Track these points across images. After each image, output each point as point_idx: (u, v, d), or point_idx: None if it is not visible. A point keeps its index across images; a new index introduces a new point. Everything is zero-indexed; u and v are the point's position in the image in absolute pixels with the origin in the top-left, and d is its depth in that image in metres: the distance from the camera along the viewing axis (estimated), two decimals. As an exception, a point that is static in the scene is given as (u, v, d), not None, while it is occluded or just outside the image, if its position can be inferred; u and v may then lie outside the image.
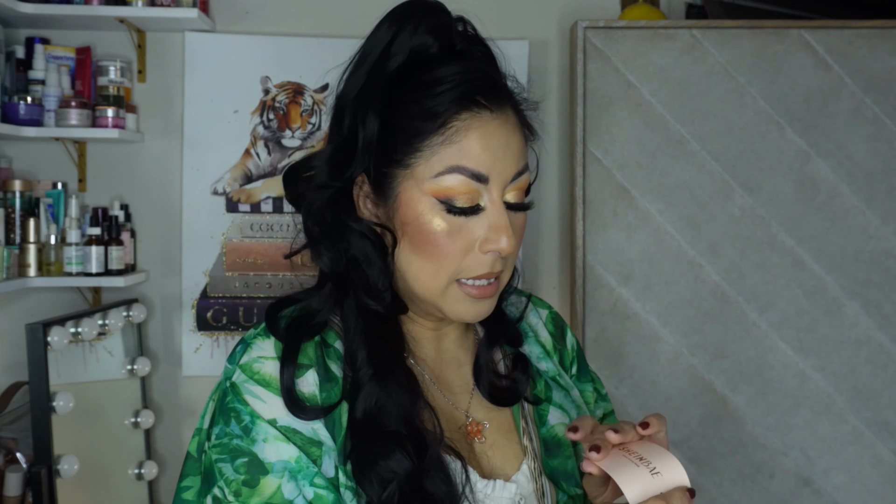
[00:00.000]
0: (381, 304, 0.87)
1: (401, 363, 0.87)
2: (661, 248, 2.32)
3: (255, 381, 0.83)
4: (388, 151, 0.85)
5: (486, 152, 0.83)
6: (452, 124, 0.83)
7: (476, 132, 0.83)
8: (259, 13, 2.55)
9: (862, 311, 2.32)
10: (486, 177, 0.83)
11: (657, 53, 2.32)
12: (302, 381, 0.83)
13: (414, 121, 0.84)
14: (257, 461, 0.80)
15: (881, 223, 2.32)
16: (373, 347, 0.85)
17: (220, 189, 2.53)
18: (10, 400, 2.22)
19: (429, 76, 0.85)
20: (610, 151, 2.33)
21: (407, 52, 0.86)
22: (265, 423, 0.81)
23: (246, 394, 0.83)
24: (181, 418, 2.51)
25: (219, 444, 0.82)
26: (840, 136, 2.32)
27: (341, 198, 0.87)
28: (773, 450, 2.32)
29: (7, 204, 2.30)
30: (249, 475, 0.80)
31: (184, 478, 0.88)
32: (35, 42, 2.39)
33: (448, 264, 0.84)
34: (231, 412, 0.83)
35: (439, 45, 0.87)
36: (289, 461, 0.80)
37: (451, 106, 0.83)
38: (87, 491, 2.14)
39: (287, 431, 0.81)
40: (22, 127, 2.25)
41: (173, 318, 2.55)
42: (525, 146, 0.89)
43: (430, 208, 0.83)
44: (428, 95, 0.84)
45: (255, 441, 0.81)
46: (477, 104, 0.84)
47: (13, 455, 2.09)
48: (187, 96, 2.51)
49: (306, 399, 0.83)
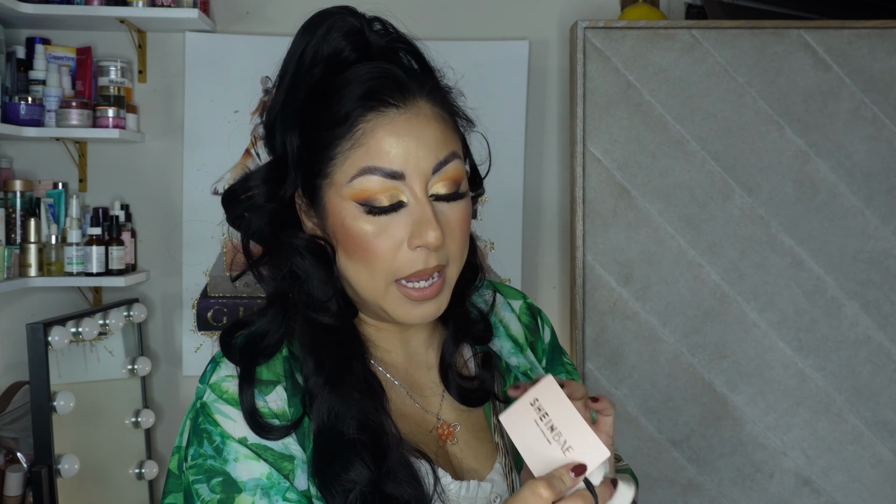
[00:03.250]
0: (326, 315, 0.87)
1: (356, 370, 0.86)
2: (660, 247, 2.33)
3: (223, 401, 0.84)
4: (310, 164, 0.85)
5: (395, 149, 0.82)
6: (359, 126, 0.83)
7: (382, 130, 0.82)
8: (259, 13, 2.55)
9: (861, 311, 2.32)
10: (401, 173, 0.82)
11: (657, 53, 2.32)
12: (270, 397, 0.84)
13: (326, 130, 0.84)
14: (230, 480, 0.81)
15: (881, 223, 2.33)
16: (320, 358, 0.85)
17: (221, 189, 2.53)
18: (11, 400, 2.22)
19: (336, 82, 0.84)
20: (610, 151, 2.33)
21: (323, 61, 0.85)
22: (235, 443, 0.82)
23: (216, 413, 0.83)
24: (181, 418, 2.50)
25: (194, 466, 0.83)
26: (839, 136, 2.32)
27: (279, 216, 0.88)
28: (773, 449, 2.33)
29: (8, 204, 2.30)
30: (224, 494, 0.81)
31: (166, 495, 0.90)
32: (36, 42, 2.40)
33: (380, 265, 0.83)
34: (203, 433, 0.84)
35: (353, 48, 0.86)
36: (260, 478, 0.81)
37: (356, 108, 0.83)
38: (87, 491, 2.15)
39: (258, 448, 0.82)
40: (22, 127, 2.26)
41: (174, 318, 2.55)
42: (449, 136, 0.86)
43: (352, 213, 0.83)
44: (334, 101, 0.84)
45: (227, 461, 0.82)
46: (382, 103, 0.83)
47: (14, 455, 2.10)
48: (188, 96, 2.51)
49: (276, 416, 0.83)
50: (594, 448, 0.76)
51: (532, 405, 0.78)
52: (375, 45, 0.87)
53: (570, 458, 0.76)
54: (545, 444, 0.77)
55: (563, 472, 0.75)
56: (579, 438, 0.76)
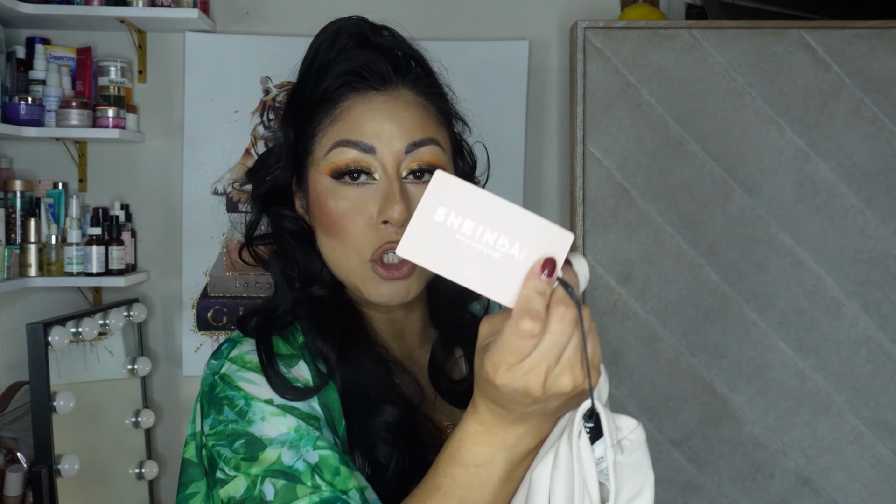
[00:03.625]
0: (322, 286, 0.90)
1: (363, 342, 0.89)
2: (660, 247, 2.33)
3: (247, 369, 0.84)
4: (297, 145, 0.90)
5: (369, 124, 0.85)
6: (339, 105, 0.86)
7: (360, 108, 0.86)
8: (259, 13, 2.55)
9: (861, 311, 2.32)
10: (372, 147, 0.85)
11: (657, 53, 2.32)
12: (295, 369, 0.85)
13: (311, 110, 0.88)
14: (254, 439, 0.80)
15: (881, 223, 2.33)
16: (325, 331, 0.88)
17: (221, 189, 2.53)
18: (11, 400, 2.22)
19: (327, 68, 0.89)
20: (610, 151, 2.33)
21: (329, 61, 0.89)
22: (261, 403, 0.82)
23: (239, 380, 0.84)
24: (181, 418, 2.51)
25: (214, 433, 0.82)
26: (839, 136, 2.32)
27: (272, 199, 0.92)
28: (773, 449, 2.33)
29: (8, 204, 2.30)
30: (248, 453, 0.80)
31: (187, 486, 0.88)
32: (36, 42, 2.40)
33: (352, 241, 0.85)
34: (224, 400, 0.83)
35: (357, 48, 0.90)
36: (288, 432, 0.80)
37: (337, 87, 0.86)
38: (87, 491, 2.14)
39: (284, 408, 0.82)
40: (22, 127, 2.26)
41: (174, 318, 2.55)
42: (429, 124, 0.88)
43: (326, 188, 0.86)
44: (321, 82, 0.88)
45: (253, 422, 0.81)
46: (363, 83, 0.86)
47: (14, 455, 2.10)
48: (188, 96, 2.51)
49: (302, 384, 0.85)
50: (549, 230, 0.59)
51: (433, 219, 0.59)
52: (377, 45, 0.90)
53: (529, 258, 0.59)
54: (487, 261, 0.59)
55: (533, 283, 0.60)
56: (524, 227, 0.58)
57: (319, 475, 0.78)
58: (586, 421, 0.63)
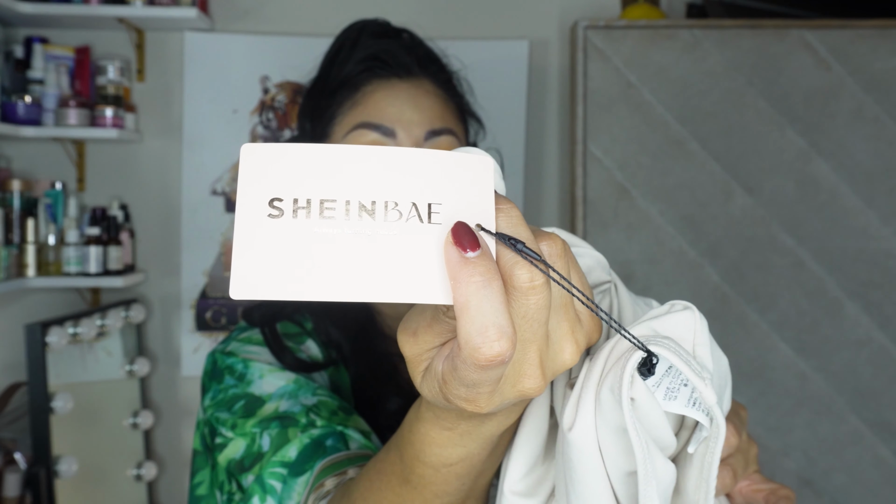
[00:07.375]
0: None
1: (372, 335, 0.90)
2: (661, 248, 2.32)
3: (252, 344, 0.85)
4: (315, 130, 0.90)
5: (390, 108, 0.85)
6: (362, 89, 0.87)
7: (382, 92, 0.86)
8: (259, 13, 2.54)
9: (863, 312, 2.31)
10: (392, 130, 0.85)
11: (657, 53, 2.31)
12: (304, 346, 0.87)
13: (332, 96, 0.88)
14: (254, 398, 0.79)
15: (882, 223, 2.32)
16: (343, 323, 0.89)
17: (220, 189, 2.52)
18: (9, 400, 2.21)
19: (348, 54, 0.90)
20: (610, 151, 2.32)
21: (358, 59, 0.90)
22: (260, 363, 0.82)
23: (242, 353, 0.84)
24: (180, 419, 2.50)
25: (214, 403, 0.82)
26: (841, 135, 2.31)
27: None
28: (774, 450, 2.32)
29: (6, 204, 2.29)
30: (246, 411, 0.79)
31: (194, 474, 0.88)
32: (34, 42, 2.39)
33: None
34: (225, 370, 0.83)
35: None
36: (286, 385, 0.80)
37: (359, 72, 0.87)
38: (85, 491, 2.14)
39: (285, 369, 0.83)
40: (21, 127, 2.25)
41: (172, 319, 2.54)
42: (448, 115, 0.89)
43: None
44: (342, 68, 0.89)
45: (252, 382, 0.81)
46: (387, 72, 0.87)
47: (12, 456, 2.09)
48: (186, 96, 2.50)
49: (311, 358, 0.86)
50: (457, 164, 0.41)
51: (263, 224, 0.39)
52: (400, 40, 0.92)
53: (445, 220, 0.40)
54: (377, 251, 0.39)
55: (465, 272, 0.39)
56: (417, 175, 0.40)
57: (316, 413, 0.76)
58: (640, 370, 0.48)
